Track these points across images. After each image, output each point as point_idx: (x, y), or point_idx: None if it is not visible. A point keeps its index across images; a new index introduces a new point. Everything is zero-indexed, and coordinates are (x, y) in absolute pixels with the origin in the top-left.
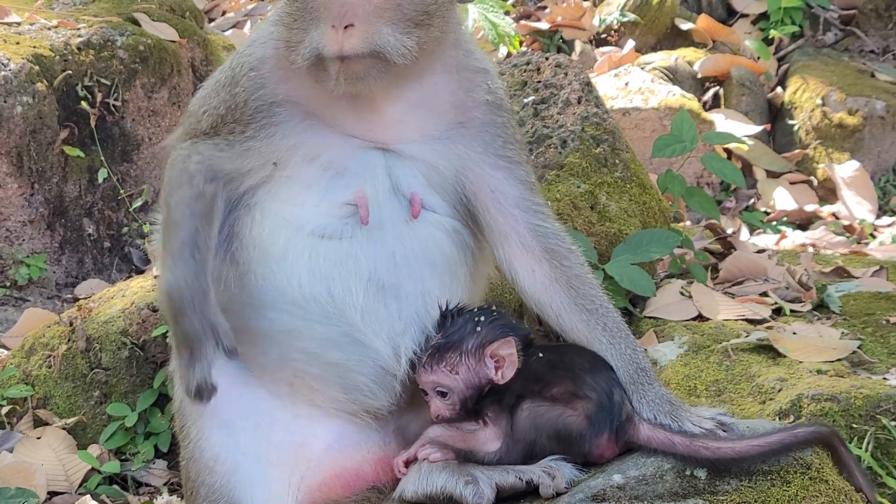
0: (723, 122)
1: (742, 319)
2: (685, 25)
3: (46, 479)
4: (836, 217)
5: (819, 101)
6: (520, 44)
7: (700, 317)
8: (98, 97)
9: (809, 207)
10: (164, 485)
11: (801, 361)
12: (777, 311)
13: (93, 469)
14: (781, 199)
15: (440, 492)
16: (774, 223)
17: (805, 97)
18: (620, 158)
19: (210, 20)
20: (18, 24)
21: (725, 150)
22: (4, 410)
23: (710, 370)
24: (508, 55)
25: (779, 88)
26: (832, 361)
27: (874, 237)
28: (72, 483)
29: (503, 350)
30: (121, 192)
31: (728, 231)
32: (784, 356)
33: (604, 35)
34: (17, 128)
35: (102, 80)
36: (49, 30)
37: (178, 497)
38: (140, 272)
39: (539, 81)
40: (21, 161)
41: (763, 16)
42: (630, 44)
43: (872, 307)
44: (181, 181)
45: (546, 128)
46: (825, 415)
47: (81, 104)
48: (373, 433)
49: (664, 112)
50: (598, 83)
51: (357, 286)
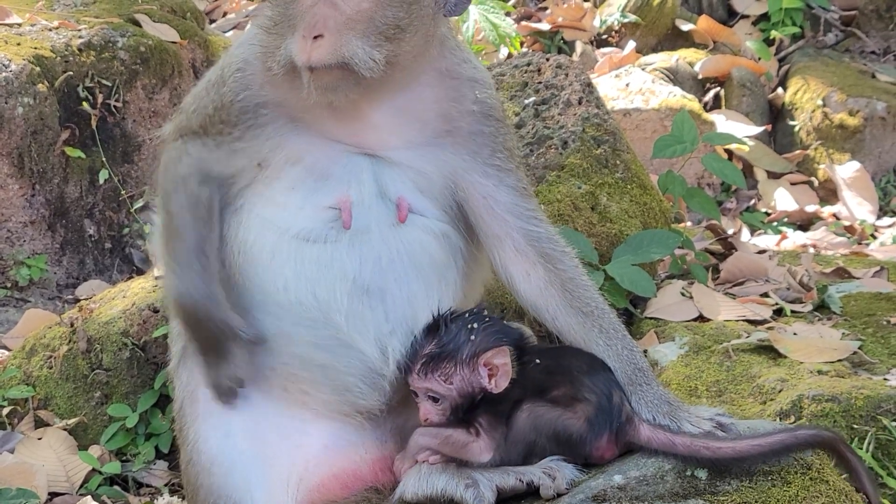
0: (723, 123)
1: (743, 320)
2: (686, 26)
3: (47, 480)
4: (837, 218)
5: (820, 102)
6: (521, 45)
7: (701, 317)
8: (99, 98)
9: (810, 208)
10: (165, 485)
11: (802, 362)
12: (778, 312)
13: (94, 470)
14: (782, 200)
15: (440, 494)
16: (775, 224)
17: (806, 98)
18: (621, 159)
19: (211, 21)
20: (19, 26)
21: (726, 151)
22: (5, 411)
23: (711, 371)
24: (509, 56)
25: (779, 89)
26: (833, 362)
27: (875, 238)
28: (73, 484)
29: (497, 359)
30: (122, 193)
31: (729, 232)
32: (785, 357)
33: (605, 36)
34: (19, 129)
35: (103, 81)
36: (50, 31)
37: (179, 498)
38: (141, 273)
39: (540, 82)
40: (22, 162)
41: (764, 17)
42: (631, 45)
43: (873, 308)
44: (176, 186)
45: (547, 129)
46: (826, 415)
47: (82, 105)
48: (369, 433)
49: (665, 113)
50: (599, 84)
51: (341, 289)
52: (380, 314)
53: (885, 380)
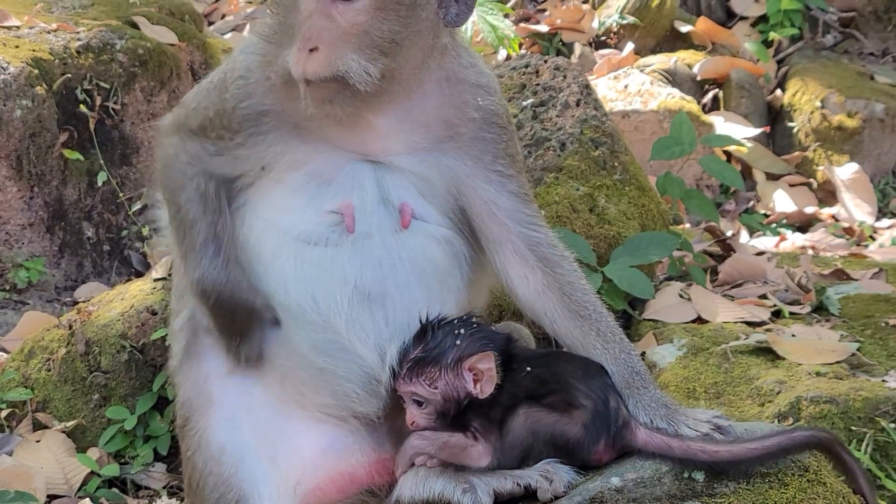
0: (722, 125)
1: (741, 322)
2: (684, 28)
3: (46, 483)
4: (836, 219)
5: (818, 104)
6: (519, 46)
7: (699, 319)
8: (97, 101)
9: (809, 210)
10: (164, 488)
11: (800, 364)
12: (776, 314)
13: (92, 472)
14: (781, 202)
15: (437, 498)
16: (774, 225)
17: (804, 99)
18: (619, 161)
19: (209, 23)
20: (18, 28)
21: (725, 153)
22: (4, 414)
23: (710, 372)
24: (508, 58)
25: (778, 91)
26: (831, 364)
27: (873, 239)
28: (71, 486)
29: (482, 364)
30: (120, 196)
31: (727, 233)
32: (783, 358)
33: (603, 38)
34: (17, 131)
35: (102, 84)
36: (48, 33)
37: (178, 500)
38: (139, 275)
39: (538, 84)
40: (20, 164)
41: (762, 18)
42: (629, 46)
43: (871, 309)
44: (183, 182)
45: (545, 130)
46: (824, 417)
47: (81, 108)
48: (366, 437)
49: (663, 114)
50: (598, 86)
51: (342, 294)
52: (380, 320)
53: (884, 381)
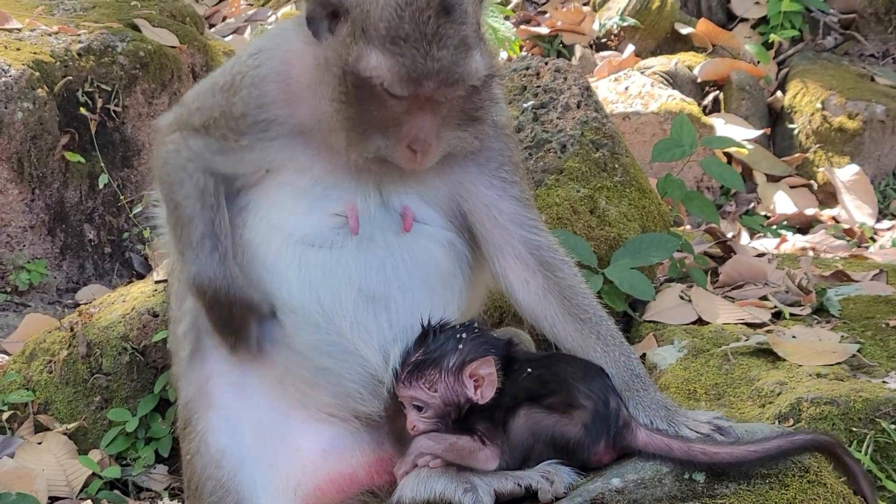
0: (723, 127)
1: (742, 323)
2: (685, 30)
3: (47, 485)
4: (836, 221)
5: (819, 106)
6: (520, 48)
7: (700, 321)
8: (98, 103)
9: (809, 211)
10: (165, 490)
11: (801, 365)
12: (777, 315)
13: (93, 474)
14: (781, 203)
15: (438, 498)
16: (774, 227)
17: (805, 101)
18: (620, 163)
19: (210, 26)
20: (19, 31)
21: (725, 155)
22: (5, 416)
23: (710, 374)
24: (508, 60)
25: (779, 92)
26: (832, 365)
27: (874, 241)
28: (73, 488)
29: (482, 370)
30: (121, 198)
31: (728, 235)
32: (784, 360)
33: (604, 40)
34: (18, 134)
35: (103, 86)
36: (49, 36)
37: (179, 502)
38: (141, 277)
39: (538, 86)
40: (22, 167)
41: (763, 20)
42: (630, 48)
43: (872, 311)
44: (181, 178)
45: (545, 132)
46: (825, 418)
47: (82, 110)
48: (366, 436)
49: (664, 116)
50: (598, 88)
51: (346, 296)
52: (384, 321)
53: (884, 383)
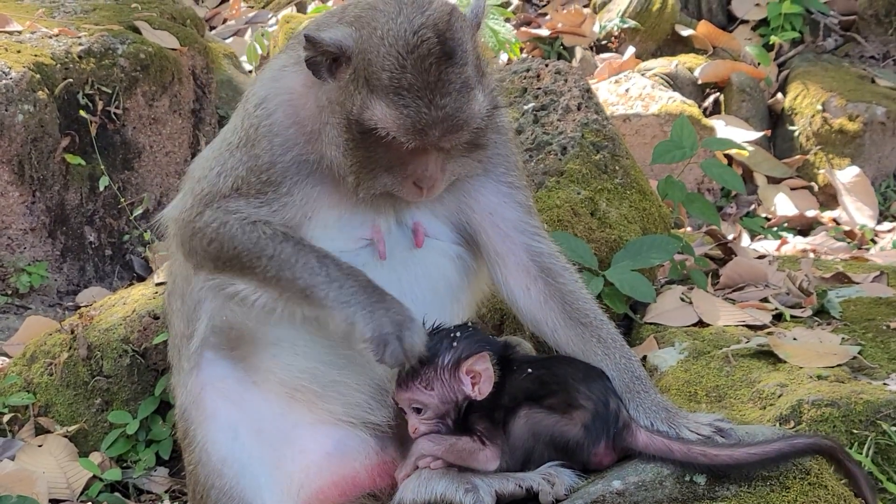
0: (723, 129)
1: (742, 325)
2: (685, 32)
3: (48, 487)
4: (837, 223)
5: (819, 107)
6: (520, 50)
7: (700, 323)
8: (99, 105)
9: (810, 213)
10: (166, 492)
11: (802, 367)
12: (777, 317)
13: (94, 477)
14: (782, 205)
15: (440, 499)
16: (775, 229)
17: (805, 103)
18: (620, 165)
19: (211, 28)
20: (19, 33)
21: (726, 156)
22: (6, 418)
23: (711, 376)
24: (509, 62)
25: (779, 94)
26: (832, 367)
27: (875, 242)
28: (73, 491)
29: (478, 365)
30: (122, 200)
31: (728, 237)
32: (784, 362)
33: (604, 42)
34: (19, 136)
35: (103, 89)
36: (50, 38)
37: None
38: (141, 280)
39: (539, 88)
40: (22, 169)
41: (763, 22)
42: (630, 50)
43: (873, 312)
44: (251, 239)
45: (546, 134)
46: (825, 420)
47: (82, 112)
48: (370, 440)
49: (664, 118)
50: (599, 90)
51: None
52: None
53: (885, 384)
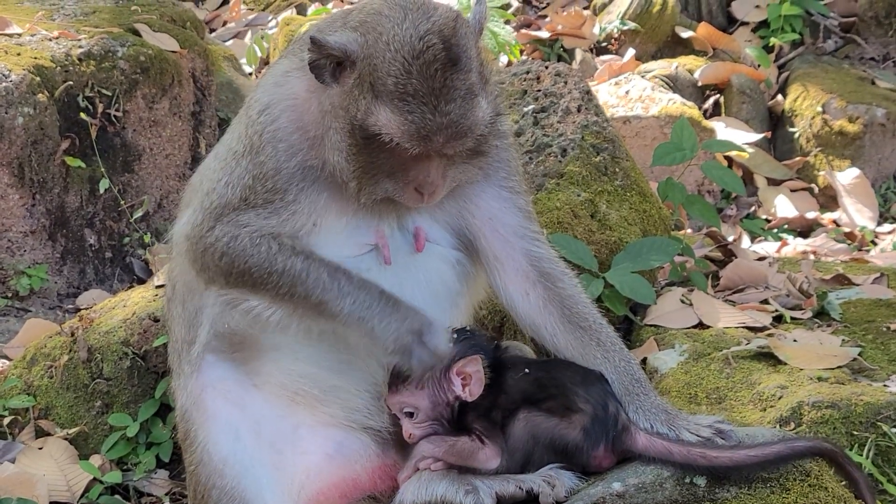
0: (723, 130)
1: (743, 327)
2: (685, 34)
3: (48, 490)
4: (837, 224)
5: (819, 109)
6: (520, 53)
7: (701, 324)
8: (99, 108)
9: (810, 215)
10: (166, 495)
11: (802, 369)
12: (778, 319)
13: (94, 479)
14: (782, 207)
15: (440, 500)
16: (775, 231)
17: (805, 105)
18: (620, 167)
19: (211, 30)
20: (19, 36)
21: (726, 158)
22: (6, 421)
23: (711, 378)
24: (508, 64)
25: (779, 96)
26: (833, 369)
27: (875, 244)
28: (73, 493)
29: (469, 367)
30: (122, 203)
31: (729, 239)
32: (785, 363)
33: (604, 44)
34: (19, 139)
35: (103, 91)
36: (50, 41)
37: None
38: (141, 282)
39: (539, 90)
40: (22, 172)
41: (763, 23)
42: (630, 52)
43: (873, 314)
44: (261, 253)
45: (546, 136)
46: (826, 422)
47: (82, 115)
48: (371, 443)
49: (665, 120)
50: (599, 92)
51: None
52: None
53: (885, 386)
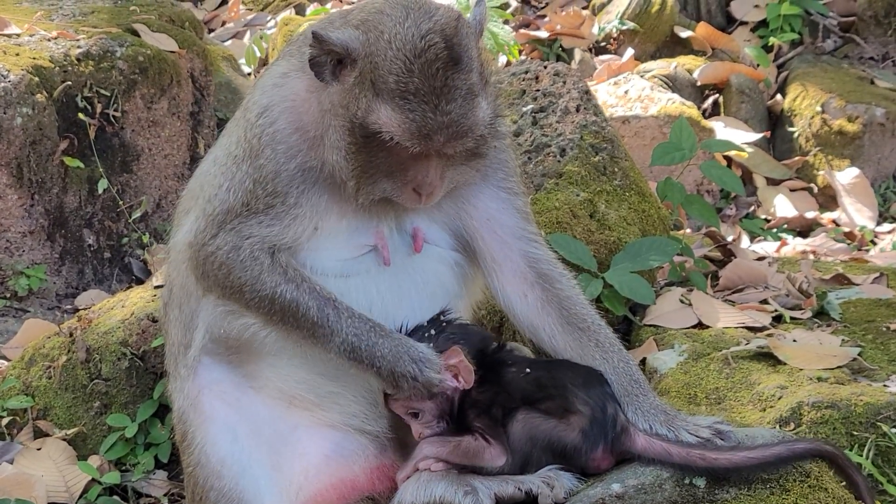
0: (722, 130)
1: (742, 327)
2: (684, 33)
3: (46, 491)
4: (837, 224)
5: (819, 108)
6: (519, 52)
7: (700, 325)
8: (98, 108)
9: (810, 214)
10: (165, 495)
11: (802, 369)
12: (777, 319)
13: (93, 480)
14: (781, 207)
15: (439, 501)
16: (775, 230)
17: (805, 104)
18: (619, 166)
19: (209, 31)
20: (18, 36)
21: (725, 158)
22: (4, 421)
23: (711, 378)
24: (507, 64)
25: (778, 96)
26: (832, 369)
27: (874, 244)
28: (72, 494)
29: (451, 360)
30: (120, 203)
31: (728, 239)
32: (784, 364)
33: (603, 43)
34: (17, 139)
35: (102, 91)
36: (49, 41)
37: None
38: (140, 282)
39: (538, 90)
40: (21, 172)
41: (762, 23)
42: (629, 52)
43: (873, 314)
44: (259, 273)
45: (545, 136)
46: (825, 422)
47: (81, 115)
48: (369, 444)
49: (664, 120)
50: (598, 91)
51: None
52: None
53: (885, 386)
